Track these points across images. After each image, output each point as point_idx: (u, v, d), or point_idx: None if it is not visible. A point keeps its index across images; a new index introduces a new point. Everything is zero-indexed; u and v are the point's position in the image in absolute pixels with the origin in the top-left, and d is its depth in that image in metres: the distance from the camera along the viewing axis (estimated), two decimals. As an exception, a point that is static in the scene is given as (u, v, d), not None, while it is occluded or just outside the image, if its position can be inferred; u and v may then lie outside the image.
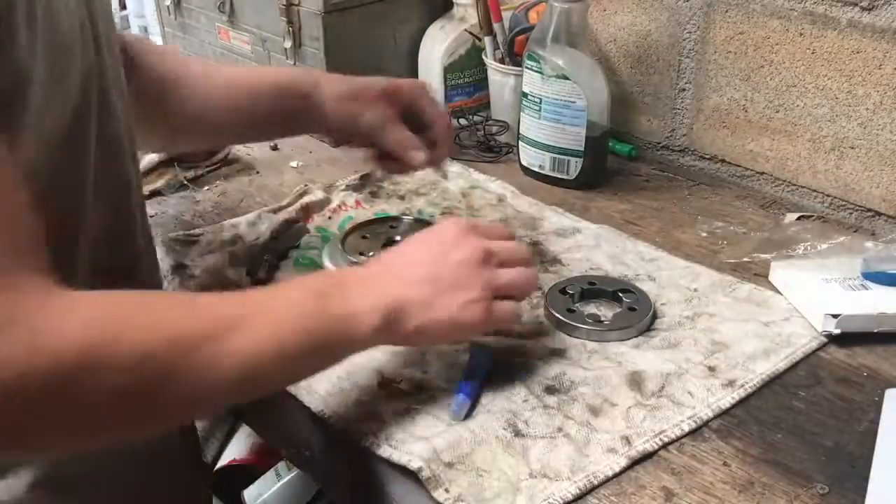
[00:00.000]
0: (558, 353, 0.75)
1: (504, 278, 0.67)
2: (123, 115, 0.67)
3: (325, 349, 0.60)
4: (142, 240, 0.72)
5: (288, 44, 1.17)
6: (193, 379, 0.52)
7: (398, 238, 0.84)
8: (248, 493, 1.21)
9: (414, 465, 0.61)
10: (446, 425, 0.66)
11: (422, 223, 0.87)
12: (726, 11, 1.03)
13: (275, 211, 0.98)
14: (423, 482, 0.61)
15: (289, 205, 1.00)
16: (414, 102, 0.86)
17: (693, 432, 0.67)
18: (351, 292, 0.61)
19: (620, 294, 0.81)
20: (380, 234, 0.85)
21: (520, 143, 1.09)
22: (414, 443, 0.64)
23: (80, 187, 0.61)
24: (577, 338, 0.77)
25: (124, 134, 0.67)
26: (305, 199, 1.00)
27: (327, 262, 0.82)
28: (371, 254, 0.82)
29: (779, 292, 0.83)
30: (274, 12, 1.17)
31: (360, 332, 0.60)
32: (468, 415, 0.67)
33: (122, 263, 0.68)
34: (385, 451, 0.64)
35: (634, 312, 0.78)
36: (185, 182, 1.07)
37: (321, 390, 0.71)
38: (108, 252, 0.65)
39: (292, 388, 0.71)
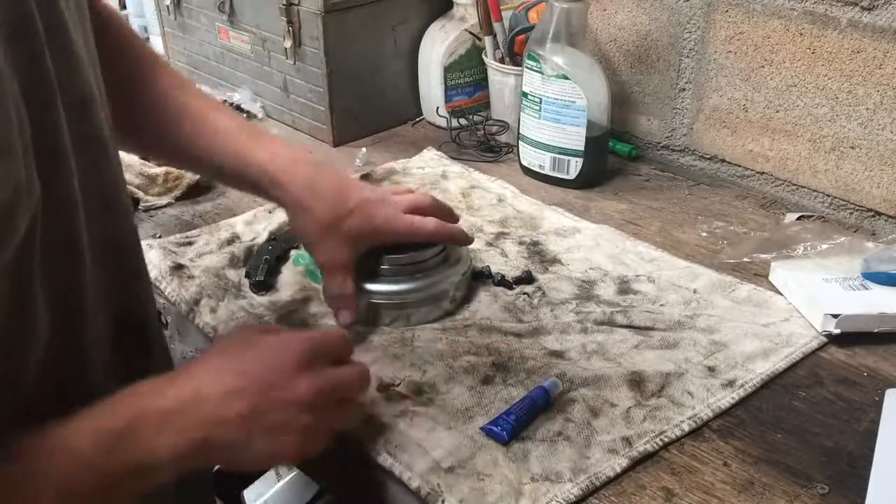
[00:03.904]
0: (558, 354, 0.75)
1: (334, 419, 0.61)
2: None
3: (112, 499, 0.52)
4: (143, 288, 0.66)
5: (288, 43, 1.17)
6: None
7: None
8: (248, 493, 1.21)
9: (413, 484, 0.61)
10: (445, 429, 0.66)
11: None
12: (726, 11, 1.02)
13: (271, 210, 0.98)
14: (423, 498, 0.61)
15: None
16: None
17: (693, 432, 0.67)
18: (148, 433, 0.52)
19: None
20: None
21: (520, 143, 1.09)
22: (413, 452, 0.64)
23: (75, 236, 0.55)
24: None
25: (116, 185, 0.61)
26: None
27: None
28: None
29: (779, 292, 0.83)
30: (274, 12, 1.17)
31: (156, 476, 0.53)
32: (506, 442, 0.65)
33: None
34: (385, 459, 0.64)
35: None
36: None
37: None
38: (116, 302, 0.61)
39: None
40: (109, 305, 0.59)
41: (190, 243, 0.93)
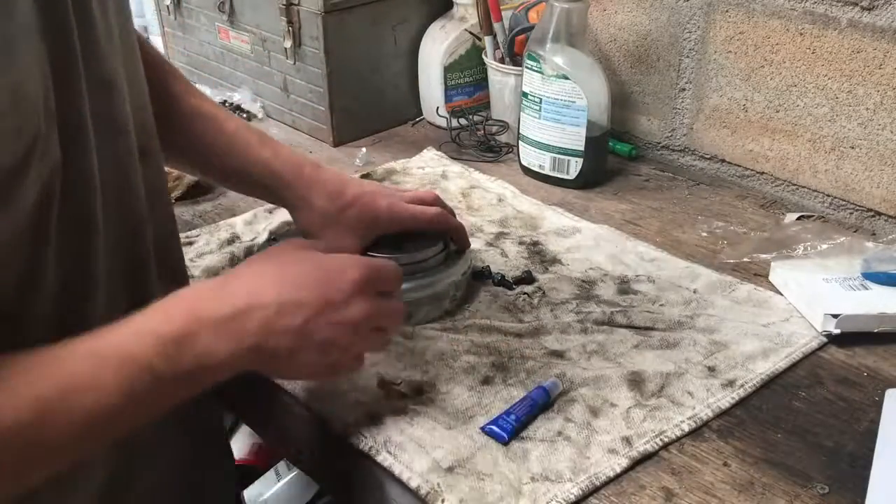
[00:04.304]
0: (558, 354, 0.75)
1: (370, 343, 0.65)
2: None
3: (168, 403, 0.55)
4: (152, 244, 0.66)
5: (288, 43, 1.17)
6: (15, 466, 0.48)
7: None
8: (248, 493, 1.21)
9: (413, 483, 0.61)
10: (445, 429, 0.66)
11: None
12: (726, 11, 1.02)
13: (271, 210, 0.98)
14: (423, 497, 0.61)
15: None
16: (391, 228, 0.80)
17: (693, 432, 0.67)
18: (206, 339, 0.54)
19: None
20: None
21: (520, 143, 1.09)
22: (413, 451, 0.64)
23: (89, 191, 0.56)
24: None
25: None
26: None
27: None
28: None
29: (779, 292, 0.83)
30: (274, 12, 1.17)
31: (210, 381, 0.56)
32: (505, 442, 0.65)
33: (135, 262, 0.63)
34: (385, 458, 0.64)
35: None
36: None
37: (321, 391, 0.71)
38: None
39: (292, 388, 0.71)
40: (119, 289, 0.60)
41: (190, 243, 0.93)
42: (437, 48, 1.21)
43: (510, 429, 0.65)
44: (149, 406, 0.53)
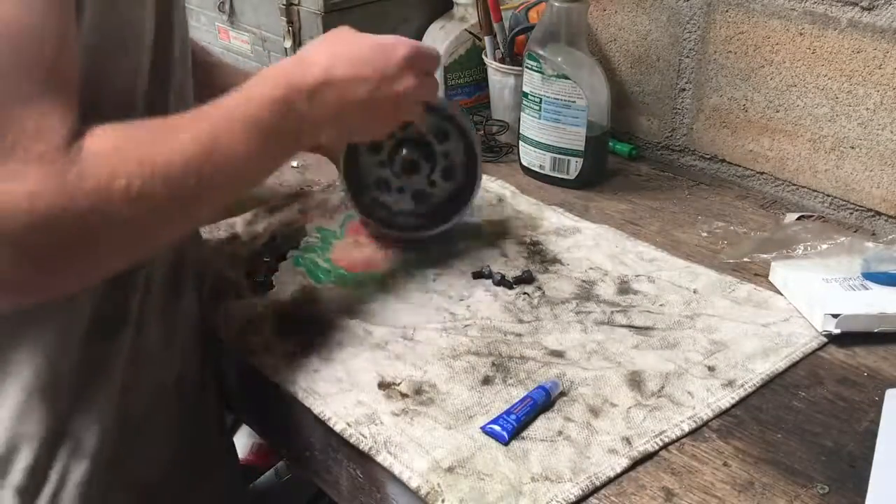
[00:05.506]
0: (558, 354, 0.75)
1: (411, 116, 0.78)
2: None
3: (280, 156, 0.68)
4: None
5: (288, 44, 1.17)
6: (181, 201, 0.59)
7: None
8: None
9: (413, 483, 0.61)
10: (445, 428, 0.66)
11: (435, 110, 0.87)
12: (726, 11, 1.02)
13: (271, 210, 0.98)
14: (423, 497, 0.61)
15: (285, 204, 1.00)
16: None
17: (693, 432, 0.67)
18: (302, 105, 0.66)
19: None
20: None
21: (520, 143, 1.09)
22: (413, 451, 0.64)
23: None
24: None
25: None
26: (304, 199, 1.00)
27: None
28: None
29: (779, 292, 0.83)
30: (274, 12, 1.17)
31: (309, 139, 0.69)
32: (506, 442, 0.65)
33: None
34: (385, 458, 0.64)
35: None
36: None
37: (321, 391, 0.71)
38: None
39: (292, 389, 0.71)
40: None
41: (190, 243, 0.93)
42: (437, 48, 1.21)
43: (510, 429, 0.65)
44: (268, 158, 0.66)
